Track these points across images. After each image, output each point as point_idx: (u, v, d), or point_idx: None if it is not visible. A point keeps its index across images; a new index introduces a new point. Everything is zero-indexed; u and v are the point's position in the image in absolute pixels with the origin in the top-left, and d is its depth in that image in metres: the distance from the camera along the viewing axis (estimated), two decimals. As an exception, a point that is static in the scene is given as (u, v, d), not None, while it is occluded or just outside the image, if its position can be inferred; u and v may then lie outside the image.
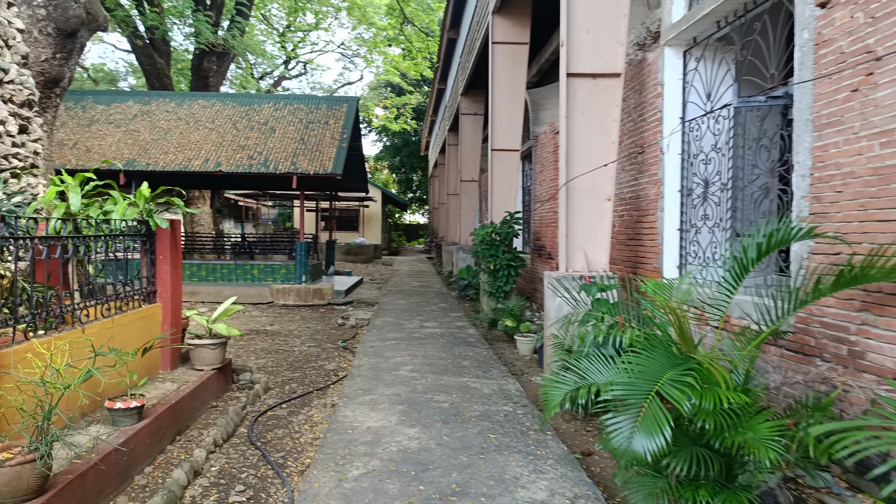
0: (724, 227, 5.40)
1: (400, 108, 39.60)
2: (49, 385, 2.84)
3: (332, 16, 34.99)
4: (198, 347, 5.33)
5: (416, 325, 9.45)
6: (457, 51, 18.86)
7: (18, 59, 5.35)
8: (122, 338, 4.52)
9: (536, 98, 12.05)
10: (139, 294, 4.99)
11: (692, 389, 2.84)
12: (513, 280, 9.65)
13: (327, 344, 8.15)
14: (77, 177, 5.03)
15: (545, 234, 11.00)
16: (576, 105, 6.03)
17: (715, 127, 5.49)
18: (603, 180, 6.03)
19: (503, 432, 4.44)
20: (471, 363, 6.75)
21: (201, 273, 13.80)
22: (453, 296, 13.71)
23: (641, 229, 6.51)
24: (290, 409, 5.26)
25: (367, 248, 27.03)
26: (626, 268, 6.92)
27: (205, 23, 16.97)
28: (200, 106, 14.65)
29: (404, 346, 7.63)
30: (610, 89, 6.06)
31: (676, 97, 5.96)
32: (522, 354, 7.66)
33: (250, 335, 8.63)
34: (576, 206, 6.03)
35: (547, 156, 10.86)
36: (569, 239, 6.03)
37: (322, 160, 12.53)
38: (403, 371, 6.33)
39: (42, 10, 8.15)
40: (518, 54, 10.59)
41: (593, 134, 6.03)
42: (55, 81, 8.52)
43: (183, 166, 12.21)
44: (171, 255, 5.31)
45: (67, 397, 3.10)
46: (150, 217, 5.00)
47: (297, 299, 12.28)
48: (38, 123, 5.57)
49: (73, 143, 12.69)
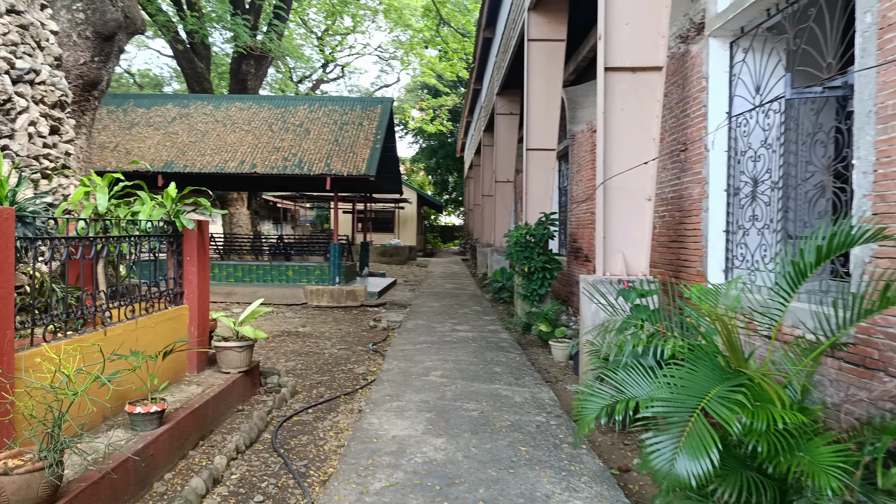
0: (774, 228, 5.05)
1: (436, 110, 39.57)
2: (59, 391, 2.75)
3: (369, 19, 35.24)
4: (224, 350, 5.26)
5: (448, 328, 9.27)
6: (492, 50, 18.64)
7: (51, 60, 5.37)
8: (147, 340, 4.46)
9: (573, 96, 11.74)
10: (165, 295, 4.94)
11: (742, 408, 2.57)
12: (548, 283, 9.38)
13: (358, 347, 8.04)
14: (105, 177, 5.01)
15: (582, 235, 10.68)
16: (614, 100, 5.75)
17: (764, 121, 5.14)
18: (643, 179, 5.73)
19: (535, 445, 4.21)
20: (503, 369, 6.53)
21: (237, 274, 13.93)
22: (487, 298, 13.48)
23: (684, 231, 6.17)
24: (316, 415, 5.14)
25: (401, 249, 27.01)
26: (668, 271, 6.59)
27: (242, 26, 17.17)
28: (237, 108, 14.81)
29: (435, 350, 7.45)
30: (650, 83, 5.77)
31: (722, 91, 5.62)
32: (557, 360, 7.39)
33: (282, 337, 8.59)
34: (614, 207, 5.75)
35: (584, 155, 10.55)
36: (606, 241, 5.75)
37: (355, 161, 12.48)
38: (433, 376, 6.15)
39: (81, 15, 8.28)
40: (554, 51, 10.32)
41: (633, 130, 5.74)
42: (93, 84, 8.65)
43: (219, 168, 12.32)
44: (199, 257, 5.25)
45: (81, 403, 3.01)
46: (176, 218, 4.94)
47: (330, 300, 12.25)
48: (70, 125, 5.60)
49: (114, 145, 12.96)
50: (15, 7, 4.84)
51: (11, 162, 4.66)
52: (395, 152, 16.33)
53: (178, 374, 5.06)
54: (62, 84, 5.45)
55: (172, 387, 4.82)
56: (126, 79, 38.39)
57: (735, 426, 2.44)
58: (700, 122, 5.82)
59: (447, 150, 42.50)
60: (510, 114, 16.71)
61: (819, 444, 2.50)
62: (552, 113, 10.26)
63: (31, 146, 4.86)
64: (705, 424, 2.49)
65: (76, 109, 8.59)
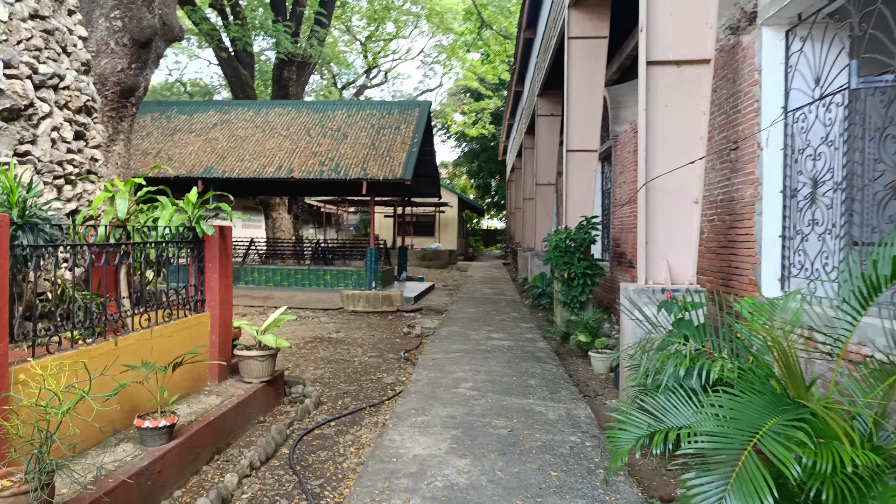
0: (837, 234, 4.56)
1: (478, 114, 39.28)
2: (48, 409, 2.59)
3: (411, 24, 35.31)
4: (245, 359, 5.11)
5: (483, 336, 8.96)
6: (533, 51, 18.27)
7: (78, 65, 5.35)
8: (163, 349, 4.33)
9: (616, 95, 11.28)
10: (185, 303, 4.82)
11: (802, 446, 2.20)
12: (589, 290, 8.96)
13: (389, 354, 7.82)
14: (128, 182, 4.94)
15: (626, 240, 10.21)
16: (657, 96, 5.36)
17: (825, 116, 4.67)
18: (689, 180, 5.32)
19: (567, 469, 3.87)
20: (538, 382, 6.18)
21: (276, 278, 13.97)
22: (526, 305, 13.10)
23: (735, 236, 5.71)
24: (339, 428, 4.92)
25: (442, 253, 26.81)
26: (716, 280, 6.12)
27: (283, 33, 17.31)
28: (276, 114, 14.89)
29: (467, 360, 7.16)
30: (697, 78, 5.35)
31: (777, 84, 5.16)
32: (597, 373, 7.00)
33: (313, 343, 8.45)
34: (657, 210, 5.36)
35: (627, 156, 10.08)
36: (649, 246, 5.35)
37: (392, 165, 12.32)
38: (463, 388, 5.86)
39: (118, 22, 8.36)
40: (596, 49, 9.90)
41: (678, 128, 5.34)
42: (131, 91, 8.73)
43: (257, 173, 12.36)
44: (221, 263, 5.11)
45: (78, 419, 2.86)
46: (196, 224, 4.82)
47: (366, 305, 12.10)
48: (98, 130, 5.56)
49: (156, 151, 13.19)
50: (39, 12, 4.81)
51: (34, 167, 4.61)
52: (433, 156, 16.14)
53: (198, 383, 4.93)
54: (89, 89, 5.42)
55: (191, 397, 4.69)
56: (178, 88, 39.59)
57: (794, 468, 2.08)
58: (752, 118, 5.36)
59: (489, 154, 42.17)
60: (551, 115, 16.29)
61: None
62: (593, 113, 9.84)
63: (54, 152, 4.81)
64: (758, 464, 2.13)
65: (113, 116, 8.69)
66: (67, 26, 5.32)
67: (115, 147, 8.86)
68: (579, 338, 7.45)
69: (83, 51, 5.57)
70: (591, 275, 8.94)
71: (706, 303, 4.26)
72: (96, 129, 5.56)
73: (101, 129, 5.66)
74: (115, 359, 3.74)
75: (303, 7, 19.74)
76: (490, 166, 42.96)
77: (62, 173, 4.94)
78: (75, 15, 5.56)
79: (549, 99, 16.01)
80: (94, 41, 8.29)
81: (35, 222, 3.58)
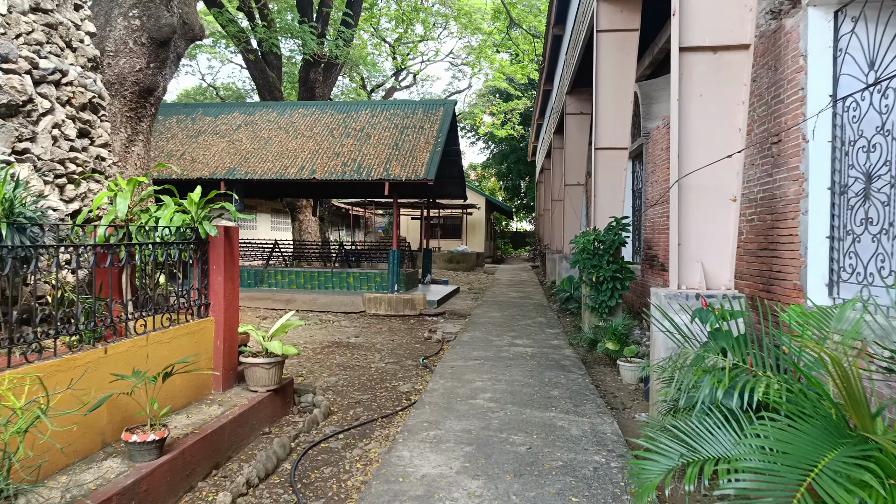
0: (894, 233, 4.10)
1: (507, 114, 38.84)
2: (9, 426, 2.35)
3: (440, 25, 35.11)
4: (251, 367, 4.87)
5: (507, 342, 8.60)
6: (562, 48, 17.82)
7: (84, 61, 5.19)
8: (160, 357, 4.10)
9: (648, 91, 10.80)
10: (186, 307, 4.60)
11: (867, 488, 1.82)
12: (618, 294, 8.52)
13: (408, 361, 7.52)
14: (130, 182, 4.75)
15: (658, 242, 9.73)
16: (691, 85, 4.95)
17: (881, 103, 4.21)
18: (726, 176, 4.89)
19: (589, 494, 3.50)
20: (561, 393, 5.80)
21: (299, 280, 13.83)
22: (553, 309, 12.67)
23: (777, 237, 5.26)
24: (347, 441, 4.64)
25: (469, 256, 26.46)
26: (756, 285, 5.66)
27: (309, 33, 17.22)
28: (300, 115, 14.78)
29: (487, 368, 6.81)
30: (735, 65, 4.92)
31: (825, 69, 4.70)
32: (626, 383, 6.58)
33: (331, 348, 8.21)
34: (691, 208, 4.94)
35: (660, 153, 9.61)
36: (682, 248, 4.94)
37: (415, 165, 12.05)
38: (480, 399, 5.52)
39: (136, 21, 8.27)
40: (626, 42, 9.46)
41: (713, 120, 4.92)
42: (149, 91, 8.64)
43: (279, 174, 12.23)
44: (226, 266, 4.89)
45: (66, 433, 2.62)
46: (199, 224, 4.60)
47: (388, 309, 11.85)
48: (105, 128, 5.40)
49: (180, 153, 13.17)
50: (41, 5, 4.66)
51: (33, 165, 4.45)
52: (458, 156, 15.82)
53: (202, 392, 4.70)
54: (96, 86, 5.26)
55: (192, 407, 4.46)
56: (210, 92, 40.15)
57: (860, 519, 1.70)
58: (797, 107, 4.91)
59: (518, 155, 41.69)
60: (580, 113, 15.84)
61: None
62: (624, 109, 9.40)
63: (55, 149, 4.65)
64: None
65: (132, 116, 8.61)
66: (73, 21, 5.17)
67: (134, 148, 8.78)
68: (607, 345, 7.04)
69: (90, 46, 5.42)
70: (620, 278, 8.51)
71: (746, 311, 3.84)
72: (103, 128, 5.40)
73: (109, 128, 5.50)
74: (104, 367, 3.52)
75: (329, 8, 19.66)
76: (519, 167, 42.48)
77: (64, 172, 4.77)
78: (83, 10, 5.41)
79: (578, 97, 15.56)
80: (113, 41, 8.22)
81: (21, 222, 3.39)
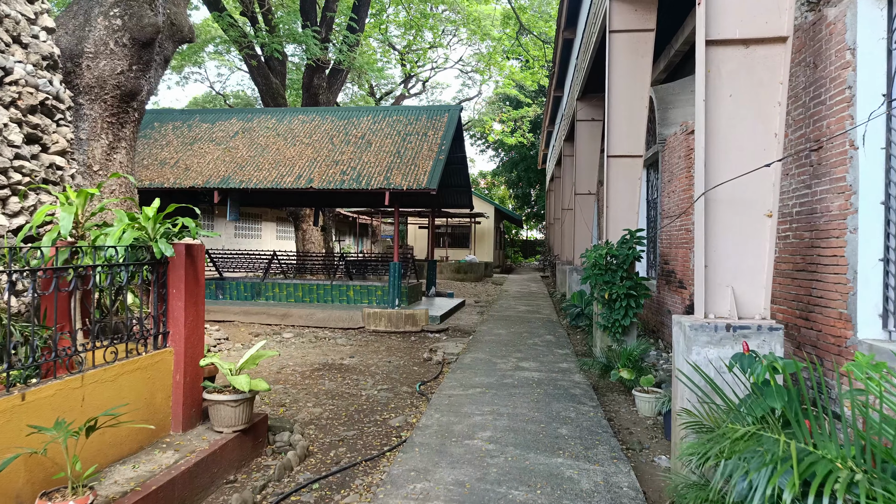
0: (968, 258, 3.44)
1: (517, 121, 38.26)
2: None
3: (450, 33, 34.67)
4: (215, 404, 4.27)
5: (512, 365, 7.95)
6: (573, 52, 17.23)
7: (37, 59, 4.65)
8: (103, 399, 3.52)
9: (664, 95, 10.17)
10: (140, 338, 4.01)
11: None
12: (633, 313, 7.88)
13: (403, 387, 6.90)
14: (80, 193, 4.19)
15: (675, 256, 9.06)
16: (720, 84, 4.32)
17: (950, 103, 3.56)
18: (761, 188, 4.25)
19: (603, 579, 2.86)
20: (570, 431, 5.15)
21: (297, 294, 13.27)
22: (563, 325, 12.00)
23: (817, 257, 4.60)
24: (322, 493, 4.02)
25: (476, 266, 25.81)
26: (791, 311, 5.00)
27: (312, 38, 16.75)
28: (300, 121, 14.26)
29: (489, 399, 6.18)
30: (770, 61, 4.28)
31: (877, 65, 4.06)
32: (642, 416, 5.92)
33: (321, 372, 7.61)
34: (720, 225, 4.30)
35: (677, 161, 8.96)
36: (709, 271, 4.29)
37: (417, 174, 11.47)
38: (478, 440, 4.88)
39: (118, 21, 7.77)
40: (641, 43, 8.84)
41: (745, 124, 4.28)
42: (132, 95, 8.12)
43: (275, 183, 11.69)
44: (188, 289, 4.30)
45: None
46: (154, 242, 4.02)
47: (388, 325, 11.24)
48: (62, 134, 4.86)
49: (174, 161, 12.68)
50: (-22, -5, 4.12)
51: (-36, 176, 3.90)
52: (464, 164, 15.23)
53: (156, 434, 4.11)
54: (50, 87, 4.71)
55: (143, 453, 3.87)
56: (219, 100, 39.92)
57: None
58: (842, 109, 4.26)
59: (528, 163, 41.09)
60: (592, 120, 15.22)
61: None
62: (638, 114, 8.77)
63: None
64: None
65: (114, 122, 8.10)
66: (24, 14, 4.64)
67: (116, 155, 8.26)
68: (621, 374, 6.38)
69: (48, 43, 4.88)
70: (635, 296, 7.86)
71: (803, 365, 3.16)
72: (60, 133, 4.85)
73: (68, 133, 4.94)
74: (20, 418, 2.94)
75: (332, 12, 19.19)
76: (529, 176, 41.87)
77: (6, 182, 4.22)
78: (38, 2, 4.88)
79: (589, 103, 14.96)
80: (93, 41, 7.72)
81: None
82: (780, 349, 3.99)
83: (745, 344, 3.20)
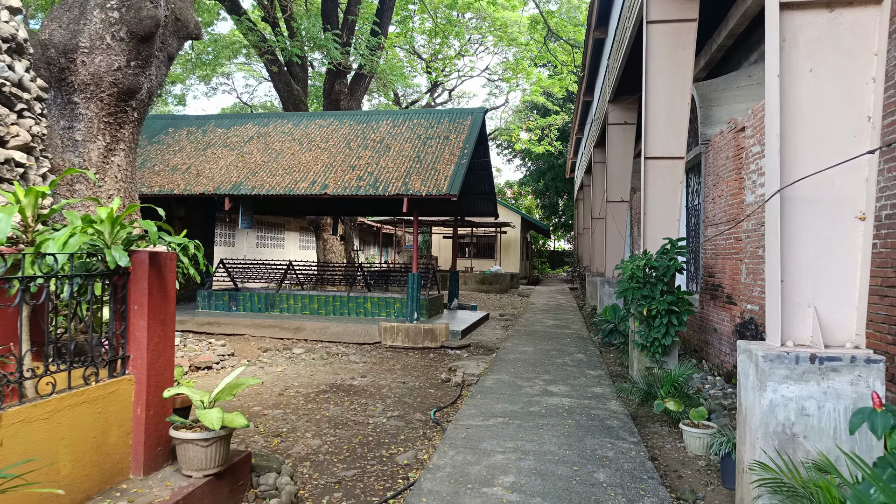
0: None
1: (544, 130, 37.42)
2: None
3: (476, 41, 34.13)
4: (183, 443, 3.57)
5: (539, 389, 7.13)
6: (604, 53, 16.41)
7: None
8: (30, 444, 2.84)
9: (707, 92, 9.30)
10: (90, 363, 3.34)
11: None
12: (675, 331, 7.01)
13: (416, 413, 6.15)
14: (30, 191, 3.56)
15: (722, 268, 8.16)
16: (797, 57, 3.50)
17: None
18: (851, 185, 3.41)
19: None
20: (609, 476, 4.33)
21: (312, 305, 12.65)
22: (594, 342, 11.11)
23: (919, 271, 3.73)
24: (305, 557, 3.28)
25: (502, 277, 24.96)
26: (883, 335, 4.12)
27: (332, 42, 16.25)
28: (316, 126, 13.70)
29: (513, 432, 5.38)
30: (861, 27, 3.46)
31: None
32: (692, 454, 5.07)
33: (328, 393, 6.90)
34: (799, 230, 3.47)
35: (724, 163, 8.09)
36: (786, 287, 3.46)
37: (437, 179, 10.75)
38: (498, 488, 4.09)
39: (115, 14, 7.25)
40: (682, 34, 8.00)
41: (831, 105, 3.46)
42: (130, 93, 7.58)
43: (288, 189, 11.10)
44: (153, 305, 3.63)
45: None
46: (107, 249, 3.35)
47: (405, 340, 10.50)
48: (25, 126, 4.25)
49: (186, 166, 12.20)
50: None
51: None
52: (489, 170, 14.48)
53: (113, 478, 3.42)
54: (9, 73, 4.12)
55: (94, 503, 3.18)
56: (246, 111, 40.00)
57: None
58: (956, 86, 3.41)
59: (556, 172, 40.18)
60: (624, 123, 14.37)
61: None
62: (679, 111, 7.92)
63: (-74, 149, 3.49)
64: None
65: (111, 122, 7.57)
66: (-22, -10, 4.06)
67: (114, 158, 7.73)
68: (666, 405, 5.51)
69: (10, 24, 4.31)
70: (677, 312, 6.99)
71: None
72: (21, 125, 4.24)
73: (34, 126, 4.34)
74: None
75: (354, 16, 18.71)
76: (557, 185, 40.95)
77: (-56, 179, 3.61)
78: (-2, -20, 4.31)
79: (621, 105, 14.12)
80: (88, 35, 7.21)
81: None
82: (881, 387, 3.14)
83: (875, 395, 2.32)
